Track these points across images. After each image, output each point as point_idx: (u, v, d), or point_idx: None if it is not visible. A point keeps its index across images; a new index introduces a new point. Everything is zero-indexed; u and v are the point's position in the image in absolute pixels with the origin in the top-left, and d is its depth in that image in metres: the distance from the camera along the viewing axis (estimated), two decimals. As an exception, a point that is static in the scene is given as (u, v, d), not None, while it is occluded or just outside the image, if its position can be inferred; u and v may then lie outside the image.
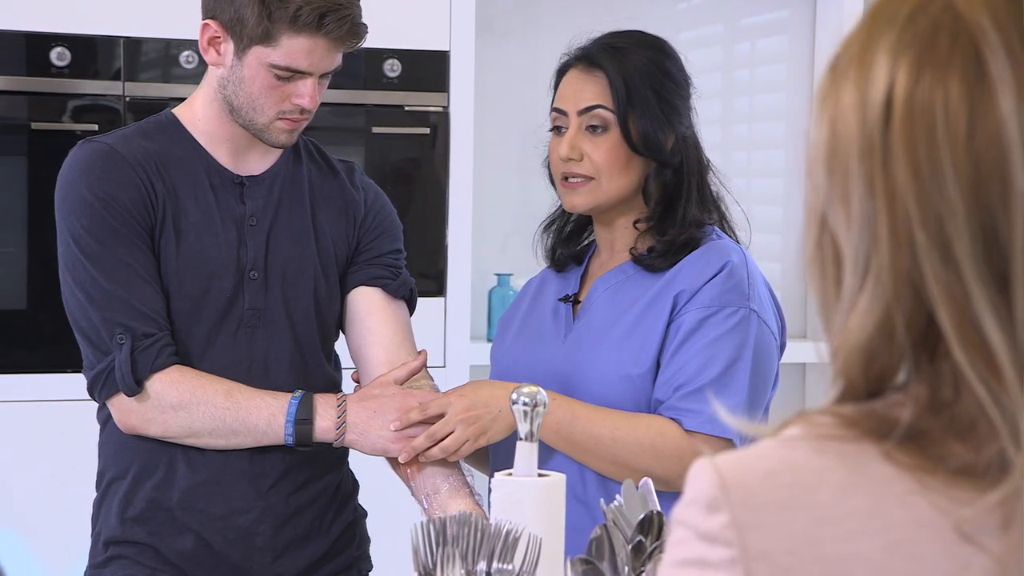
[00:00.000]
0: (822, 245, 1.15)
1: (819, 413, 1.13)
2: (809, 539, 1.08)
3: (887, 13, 1.13)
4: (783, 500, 1.09)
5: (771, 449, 1.12)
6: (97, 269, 2.56)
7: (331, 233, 2.72)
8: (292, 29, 2.51)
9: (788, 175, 4.84)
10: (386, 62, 4.11)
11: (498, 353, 2.86)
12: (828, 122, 1.14)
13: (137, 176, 2.59)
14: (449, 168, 4.20)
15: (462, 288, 4.22)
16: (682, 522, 1.13)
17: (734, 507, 1.09)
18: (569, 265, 2.83)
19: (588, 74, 2.69)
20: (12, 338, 3.91)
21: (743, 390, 2.58)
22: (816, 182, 1.15)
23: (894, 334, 1.10)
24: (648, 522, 2.03)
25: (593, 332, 2.69)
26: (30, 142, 3.84)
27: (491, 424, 2.59)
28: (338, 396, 2.63)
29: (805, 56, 4.80)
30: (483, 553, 2.02)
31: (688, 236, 2.67)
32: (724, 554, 1.09)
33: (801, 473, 1.10)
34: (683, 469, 2.55)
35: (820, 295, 1.16)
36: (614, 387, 2.61)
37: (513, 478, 2.18)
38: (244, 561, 2.66)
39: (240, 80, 2.57)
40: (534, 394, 2.19)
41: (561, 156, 2.67)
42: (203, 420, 2.57)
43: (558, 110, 2.71)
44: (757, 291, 2.64)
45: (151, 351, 2.56)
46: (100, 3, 3.89)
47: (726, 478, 1.11)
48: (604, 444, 2.56)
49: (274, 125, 2.59)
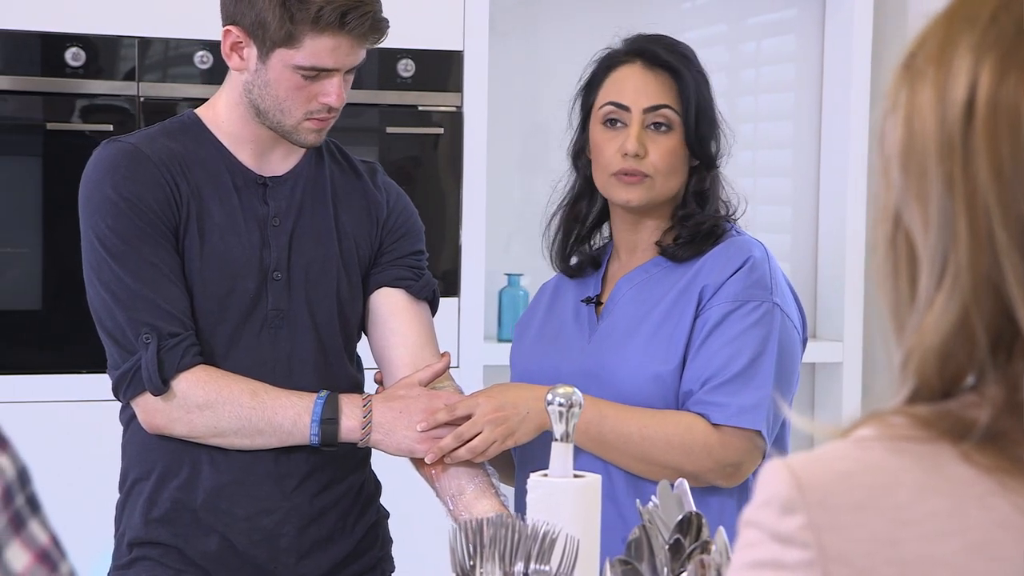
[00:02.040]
0: (896, 244, 1.15)
1: (893, 414, 1.13)
2: (888, 540, 1.07)
3: (966, 13, 1.12)
4: (860, 501, 1.08)
5: (846, 450, 1.12)
6: (123, 269, 2.56)
7: (354, 234, 2.72)
8: (315, 29, 2.51)
9: (796, 175, 4.83)
10: (400, 62, 4.10)
11: (518, 357, 2.86)
12: (904, 120, 1.13)
13: (162, 176, 2.59)
14: (463, 168, 4.20)
15: (476, 288, 4.21)
16: (754, 523, 1.12)
17: (811, 508, 1.09)
18: (586, 270, 2.83)
19: (651, 72, 2.70)
20: (27, 339, 3.91)
21: (768, 383, 2.60)
22: (890, 180, 1.14)
23: (972, 334, 1.10)
24: (687, 522, 2.03)
25: (619, 331, 2.70)
26: (45, 142, 3.83)
27: (519, 425, 2.58)
28: (363, 396, 2.63)
29: (814, 56, 4.79)
30: (520, 554, 2.02)
31: (713, 223, 2.69)
32: (800, 556, 1.08)
33: (878, 474, 1.09)
34: (713, 463, 2.56)
35: (892, 294, 1.15)
36: (644, 385, 2.62)
37: (549, 479, 2.18)
38: (269, 562, 2.65)
39: (265, 83, 2.57)
40: (569, 394, 2.19)
41: (628, 151, 2.66)
42: (229, 420, 2.56)
43: (618, 104, 2.70)
44: (779, 285, 2.67)
45: (177, 350, 2.55)
46: (115, 3, 3.88)
47: (801, 479, 1.10)
48: (633, 442, 2.57)
49: (302, 126, 2.59)
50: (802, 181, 4.82)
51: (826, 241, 4.75)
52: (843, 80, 4.66)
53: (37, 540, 1.18)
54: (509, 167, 4.53)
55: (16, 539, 1.16)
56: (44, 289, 3.84)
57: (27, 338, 3.91)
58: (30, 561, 1.17)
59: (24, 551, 1.17)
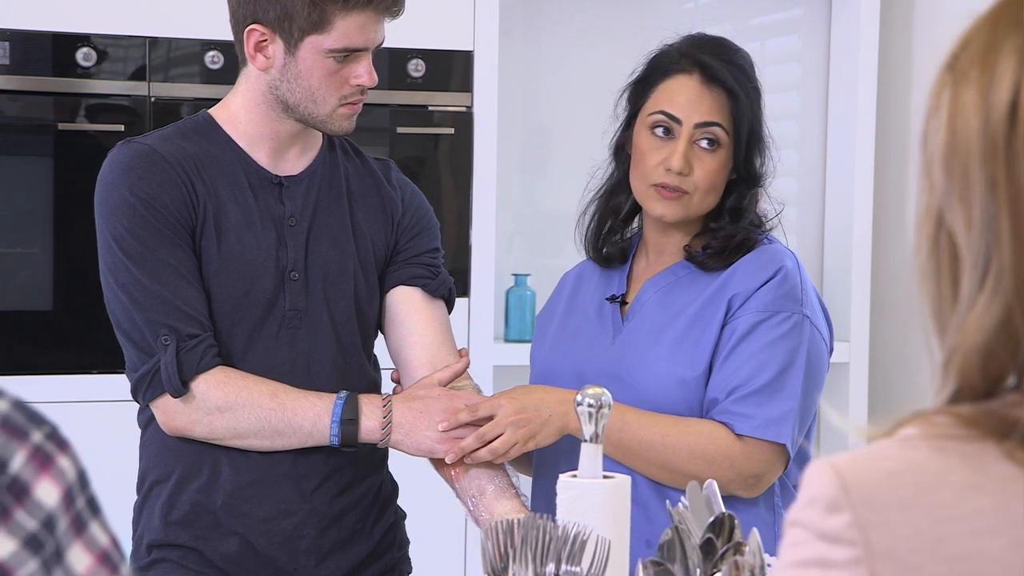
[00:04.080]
0: (938, 244, 1.16)
1: (936, 413, 1.14)
2: (934, 537, 1.09)
3: (1012, 15, 1.13)
4: (906, 499, 1.10)
5: (890, 449, 1.13)
6: (140, 270, 2.55)
7: (370, 232, 2.72)
8: (344, 9, 2.52)
9: (801, 175, 4.83)
10: (410, 62, 4.10)
11: (539, 353, 2.85)
12: (947, 122, 1.14)
13: (178, 176, 2.58)
14: (472, 168, 4.19)
15: (486, 289, 4.21)
16: (800, 523, 1.13)
17: (856, 507, 1.10)
18: (613, 262, 2.81)
19: (707, 88, 2.66)
20: (38, 339, 3.90)
21: (796, 395, 2.58)
22: (933, 181, 1.15)
23: (1014, 334, 1.11)
24: (719, 523, 2.03)
25: (645, 334, 2.68)
26: (56, 143, 3.83)
27: (540, 428, 2.58)
28: (383, 396, 2.63)
29: (820, 56, 4.79)
30: (551, 555, 2.02)
31: (744, 236, 2.68)
32: (847, 554, 1.10)
33: (923, 473, 1.11)
34: (735, 474, 2.55)
35: (934, 294, 1.16)
36: (668, 390, 2.61)
37: (579, 480, 2.17)
38: (289, 564, 2.65)
39: (296, 76, 2.57)
40: (599, 395, 2.19)
41: (673, 168, 2.62)
42: (248, 421, 2.56)
43: (669, 115, 2.66)
44: (809, 296, 2.65)
45: (196, 352, 2.55)
46: (126, 3, 3.88)
47: (847, 478, 1.11)
48: (655, 450, 2.55)
49: (337, 112, 2.59)
50: (808, 181, 4.82)
51: (832, 241, 4.75)
52: (849, 80, 4.66)
53: (98, 542, 1.18)
54: (510, 167, 4.52)
55: (78, 541, 1.16)
56: (55, 289, 3.83)
57: (38, 338, 3.90)
58: (92, 563, 1.16)
59: (86, 553, 1.16)
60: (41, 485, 1.15)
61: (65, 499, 1.16)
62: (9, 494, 1.14)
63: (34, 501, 1.15)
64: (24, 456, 1.16)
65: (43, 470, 1.16)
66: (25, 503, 1.14)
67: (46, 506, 1.15)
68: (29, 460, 1.16)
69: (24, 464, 1.15)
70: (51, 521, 1.15)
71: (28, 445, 1.16)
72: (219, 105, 2.71)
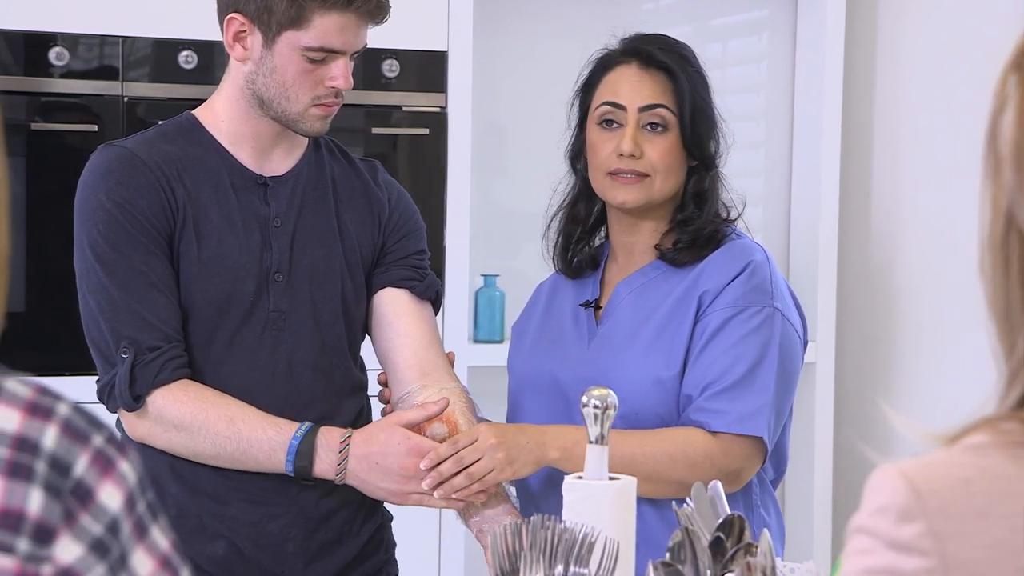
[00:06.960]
0: (1008, 243, 1.14)
1: (1005, 420, 1.12)
2: (1012, 548, 1.07)
3: None
4: (982, 508, 1.08)
5: (961, 456, 1.11)
6: (109, 277, 2.53)
7: (356, 233, 2.71)
8: (323, 8, 2.51)
9: (768, 175, 4.84)
10: (384, 62, 4.09)
11: (517, 360, 2.85)
12: (1016, 120, 1.13)
13: (157, 181, 2.56)
14: (447, 169, 4.18)
15: (460, 290, 4.20)
16: (868, 530, 1.12)
17: (930, 516, 1.08)
18: (585, 270, 2.82)
19: (647, 72, 2.70)
20: (11, 341, 3.84)
21: (770, 388, 2.60)
22: (1002, 180, 1.14)
23: None
24: (728, 524, 2.03)
25: (620, 336, 2.69)
26: (28, 143, 3.79)
27: (519, 455, 2.55)
28: (343, 435, 2.57)
29: (786, 56, 4.80)
30: (560, 557, 2.02)
31: (714, 228, 2.69)
32: (920, 563, 1.08)
33: (997, 481, 1.09)
34: (716, 472, 2.55)
35: (1001, 293, 1.15)
36: (645, 391, 2.61)
37: (585, 482, 2.17)
38: (276, 567, 2.64)
39: (271, 70, 2.55)
40: (604, 396, 2.18)
41: (624, 152, 2.66)
42: (204, 446, 2.54)
43: (613, 104, 2.70)
44: (780, 289, 2.66)
45: (153, 366, 2.52)
46: (99, 3, 3.85)
47: (918, 486, 1.09)
48: (637, 462, 2.52)
49: (309, 112, 2.57)
50: (774, 182, 4.82)
51: (798, 242, 4.76)
52: (815, 80, 4.67)
53: (159, 546, 1.17)
54: (480, 168, 4.50)
55: (140, 545, 1.15)
56: (28, 290, 3.79)
57: (11, 340, 3.84)
58: (154, 567, 1.16)
59: (148, 557, 1.15)
60: (104, 489, 1.14)
61: (128, 503, 1.15)
62: (74, 498, 1.13)
63: (98, 505, 1.14)
64: (87, 460, 1.15)
65: (105, 474, 1.15)
66: (90, 507, 1.13)
67: (110, 510, 1.14)
68: (92, 464, 1.15)
69: (87, 468, 1.14)
70: (115, 525, 1.14)
71: (90, 449, 1.15)
72: (203, 106, 2.69)
